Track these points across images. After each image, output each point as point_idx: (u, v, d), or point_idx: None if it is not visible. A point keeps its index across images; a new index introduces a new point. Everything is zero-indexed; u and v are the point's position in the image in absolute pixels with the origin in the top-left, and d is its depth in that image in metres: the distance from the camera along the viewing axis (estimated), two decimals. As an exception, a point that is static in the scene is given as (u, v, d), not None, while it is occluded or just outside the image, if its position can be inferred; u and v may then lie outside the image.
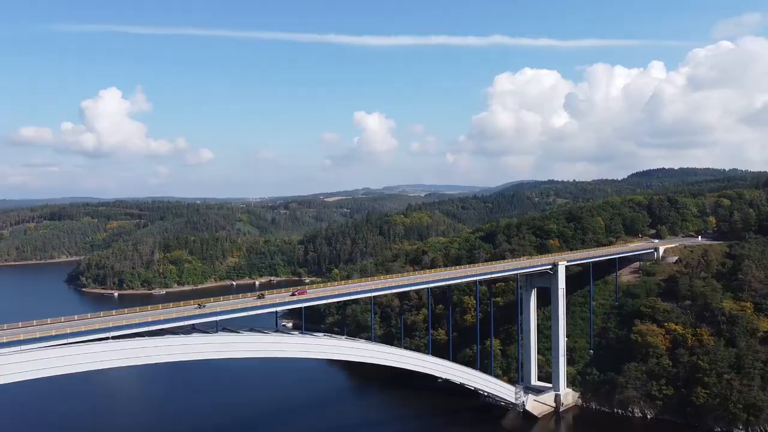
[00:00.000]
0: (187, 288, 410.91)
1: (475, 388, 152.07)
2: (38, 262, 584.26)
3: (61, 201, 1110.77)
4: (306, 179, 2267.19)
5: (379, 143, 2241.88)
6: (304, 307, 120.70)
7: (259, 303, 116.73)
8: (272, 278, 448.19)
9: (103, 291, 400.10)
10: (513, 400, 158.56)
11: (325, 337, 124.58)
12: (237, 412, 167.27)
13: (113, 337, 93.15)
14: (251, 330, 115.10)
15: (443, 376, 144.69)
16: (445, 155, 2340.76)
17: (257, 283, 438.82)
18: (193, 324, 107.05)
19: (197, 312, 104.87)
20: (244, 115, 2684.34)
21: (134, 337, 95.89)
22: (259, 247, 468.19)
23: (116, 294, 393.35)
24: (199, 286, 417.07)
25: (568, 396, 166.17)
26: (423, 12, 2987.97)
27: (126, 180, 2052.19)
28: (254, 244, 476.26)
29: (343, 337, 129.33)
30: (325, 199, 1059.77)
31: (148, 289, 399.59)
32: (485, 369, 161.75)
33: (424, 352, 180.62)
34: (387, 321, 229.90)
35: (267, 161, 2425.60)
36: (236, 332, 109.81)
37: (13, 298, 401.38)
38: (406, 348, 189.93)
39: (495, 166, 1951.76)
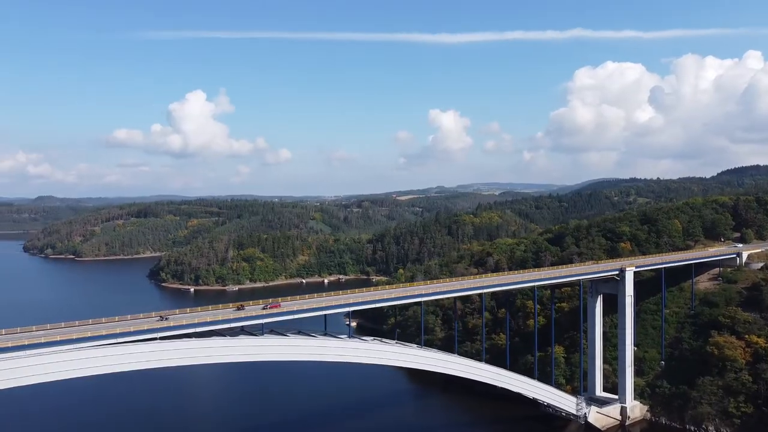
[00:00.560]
0: (258, 285, 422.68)
1: (533, 397, 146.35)
2: (125, 257, 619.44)
3: (150, 199, 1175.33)
4: (380, 178, 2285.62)
5: (453, 141, 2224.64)
6: (352, 310, 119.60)
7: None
8: (341, 277, 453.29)
9: (180, 286, 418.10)
10: (574, 412, 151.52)
11: (374, 341, 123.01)
12: (293, 413, 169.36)
13: (161, 338, 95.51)
14: (299, 333, 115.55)
15: (497, 384, 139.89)
16: (521, 153, 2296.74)
17: (326, 281, 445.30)
18: (242, 326, 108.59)
19: (233, 316, 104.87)
20: (321, 116, 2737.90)
21: (182, 338, 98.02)
22: (329, 246, 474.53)
23: (192, 289, 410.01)
24: (270, 284, 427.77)
25: (636, 409, 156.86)
26: (499, 7, 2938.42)
27: (210, 179, 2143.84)
28: (324, 242, 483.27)
29: (393, 342, 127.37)
30: (398, 198, 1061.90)
31: (222, 286, 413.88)
32: (547, 377, 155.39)
33: (484, 358, 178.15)
34: (448, 323, 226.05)
35: (342, 160, 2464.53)
36: (283, 335, 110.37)
37: (100, 291, 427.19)
38: (465, 352, 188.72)
39: (574, 163, 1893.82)
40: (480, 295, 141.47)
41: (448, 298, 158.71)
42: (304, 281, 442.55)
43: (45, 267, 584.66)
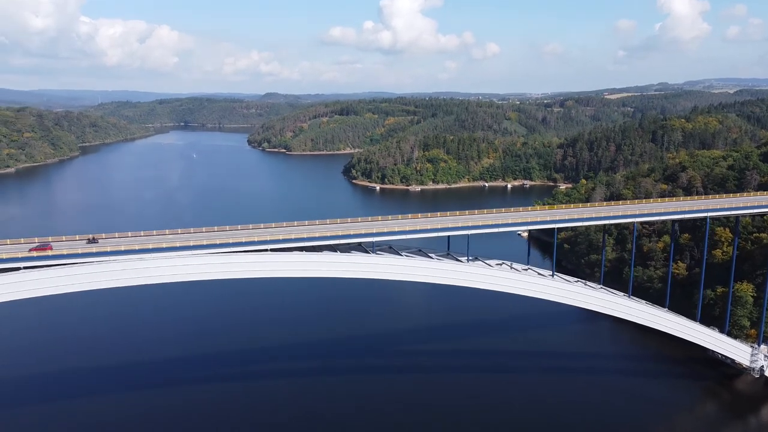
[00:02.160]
0: (441, 187, 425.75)
1: (698, 342, 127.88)
2: (327, 153, 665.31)
3: (362, 96, 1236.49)
4: (593, 73, 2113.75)
5: (685, 29, 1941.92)
6: (460, 234, 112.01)
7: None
8: (525, 182, 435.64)
9: (368, 184, 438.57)
10: (747, 363, 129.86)
11: (497, 267, 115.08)
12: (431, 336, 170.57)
13: (271, 250, 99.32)
14: (419, 252, 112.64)
15: (649, 325, 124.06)
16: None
17: (509, 186, 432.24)
18: (359, 242, 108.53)
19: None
20: (533, 6, 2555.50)
21: (293, 251, 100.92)
22: (516, 149, 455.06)
23: (378, 187, 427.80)
24: (453, 186, 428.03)
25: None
26: None
27: (418, 76, 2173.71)
28: (511, 145, 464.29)
29: (522, 268, 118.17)
30: (607, 96, 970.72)
31: (406, 185, 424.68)
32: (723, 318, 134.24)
33: (657, 286, 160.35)
34: (622, 244, 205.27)
35: (553, 54, 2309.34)
36: (397, 254, 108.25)
37: (299, 184, 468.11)
38: (636, 278, 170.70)
39: None
40: (632, 223, 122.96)
41: (586, 226, 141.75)
42: (486, 185, 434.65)
43: (260, 159, 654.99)
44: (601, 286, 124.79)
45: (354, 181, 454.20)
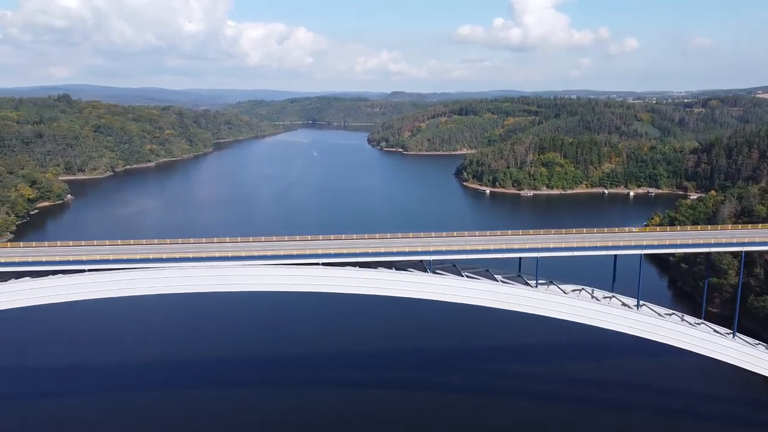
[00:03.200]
0: (555, 192, 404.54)
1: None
2: (443, 153, 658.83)
3: (489, 94, 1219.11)
4: (745, 69, 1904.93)
5: None
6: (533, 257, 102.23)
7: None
8: (650, 190, 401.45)
9: (478, 187, 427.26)
10: None
11: (572, 294, 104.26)
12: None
13: (323, 264, 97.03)
14: (485, 272, 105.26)
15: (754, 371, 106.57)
16: None
17: (632, 194, 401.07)
18: (421, 260, 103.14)
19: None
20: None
21: (345, 266, 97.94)
22: (642, 154, 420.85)
23: (488, 191, 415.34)
24: (568, 191, 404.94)
25: None
26: None
27: (548, 73, 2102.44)
28: (636, 149, 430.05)
29: (604, 296, 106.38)
30: (759, 95, 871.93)
31: (518, 189, 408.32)
32: None
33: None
34: (749, 267, 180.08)
35: (701, 48, 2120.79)
36: (459, 275, 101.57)
37: (409, 184, 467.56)
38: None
39: None
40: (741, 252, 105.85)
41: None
42: (606, 192, 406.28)
43: (376, 157, 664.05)
44: (702, 321, 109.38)
45: (465, 183, 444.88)
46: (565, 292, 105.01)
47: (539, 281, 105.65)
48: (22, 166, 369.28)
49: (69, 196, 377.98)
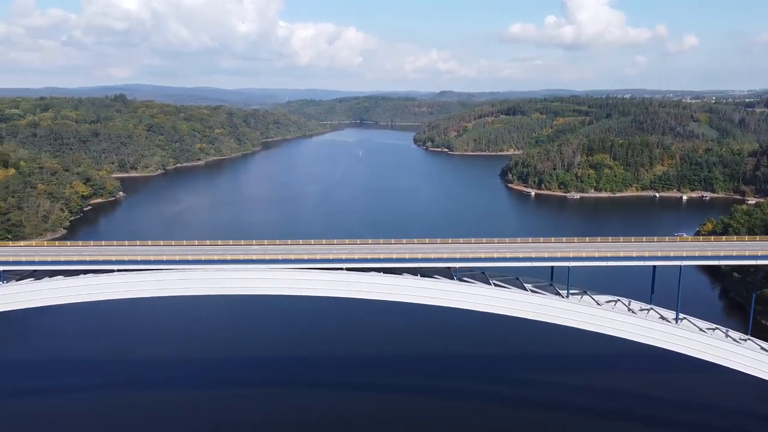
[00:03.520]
0: (603, 195, 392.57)
1: None
2: (489, 153, 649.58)
3: (540, 94, 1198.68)
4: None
5: None
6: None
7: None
8: (705, 194, 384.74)
9: (523, 188, 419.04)
10: None
11: (607, 305, 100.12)
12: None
13: (347, 269, 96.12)
14: (514, 280, 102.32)
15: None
16: None
17: (684, 198, 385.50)
18: (449, 267, 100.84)
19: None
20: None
21: (369, 271, 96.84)
22: (696, 156, 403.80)
23: (533, 193, 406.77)
24: (617, 194, 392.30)
25: None
26: None
27: (602, 71, 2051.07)
28: (690, 151, 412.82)
29: (641, 308, 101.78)
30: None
31: (564, 192, 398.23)
32: None
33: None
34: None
35: (765, 45, 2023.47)
36: (487, 283, 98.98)
37: (452, 185, 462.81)
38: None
39: None
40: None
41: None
42: (657, 195, 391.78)
43: (421, 157, 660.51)
44: (749, 337, 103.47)
45: (509, 185, 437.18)
46: (598, 304, 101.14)
47: (572, 291, 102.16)
48: (78, 163, 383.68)
49: (121, 193, 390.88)
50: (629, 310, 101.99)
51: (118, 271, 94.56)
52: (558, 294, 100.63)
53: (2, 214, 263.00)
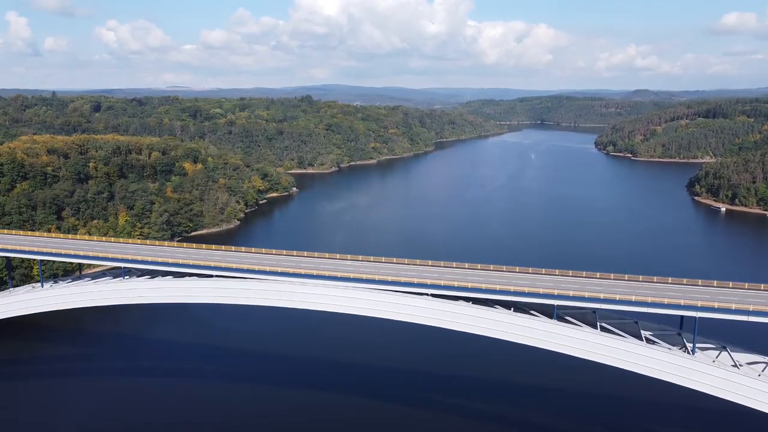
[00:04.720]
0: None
1: None
2: (679, 160, 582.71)
3: (757, 92, 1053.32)
4: None
5: None
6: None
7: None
8: None
9: (712, 203, 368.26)
10: None
11: (748, 368, 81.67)
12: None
13: (432, 295, 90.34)
14: (633, 324, 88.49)
15: None
16: None
17: None
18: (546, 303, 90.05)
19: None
20: None
21: (457, 300, 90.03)
22: None
23: (723, 209, 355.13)
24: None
25: None
26: None
27: None
28: None
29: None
30: None
31: (763, 210, 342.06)
32: None
33: None
34: None
35: None
36: (592, 327, 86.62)
37: (627, 195, 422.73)
38: None
39: None
40: None
41: None
42: None
43: (600, 163, 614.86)
44: None
45: (696, 197, 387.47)
46: (737, 365, 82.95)
47: (707, 345, 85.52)
48: (260, 160, 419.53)
49: (294, 188, 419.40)
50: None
51: (216, 276, 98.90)
52: (684, 347, 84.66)
53: (186, 205, 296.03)
